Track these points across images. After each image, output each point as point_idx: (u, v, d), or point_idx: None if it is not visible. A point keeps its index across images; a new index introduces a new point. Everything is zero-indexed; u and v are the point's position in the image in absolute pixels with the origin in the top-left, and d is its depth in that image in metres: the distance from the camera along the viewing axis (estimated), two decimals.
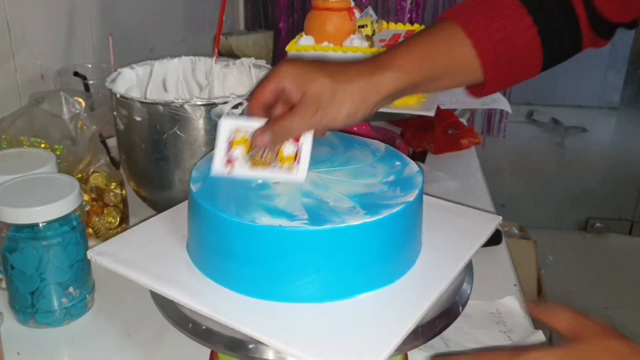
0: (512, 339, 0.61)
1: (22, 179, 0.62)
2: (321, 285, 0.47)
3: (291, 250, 0.46)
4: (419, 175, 0.54)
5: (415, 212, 0.52)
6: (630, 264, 2.26)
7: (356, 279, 0.48)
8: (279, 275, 0.47)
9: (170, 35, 1.41)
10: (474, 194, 0.96)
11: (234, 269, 0.48)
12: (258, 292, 0.48)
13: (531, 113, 2.32)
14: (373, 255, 0.48)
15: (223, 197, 0.51)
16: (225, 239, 0.48)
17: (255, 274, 0.48)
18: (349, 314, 0.47)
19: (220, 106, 0.70)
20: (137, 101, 0.71)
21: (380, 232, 0.48)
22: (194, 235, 0.53)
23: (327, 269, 0.47)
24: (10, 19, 0.85)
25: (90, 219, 0.76)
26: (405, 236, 0.51)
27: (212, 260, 0.50)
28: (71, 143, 0.75)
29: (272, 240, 0.46)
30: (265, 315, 0.46)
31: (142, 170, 0.76)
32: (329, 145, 0.60)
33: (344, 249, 0.47)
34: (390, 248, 0.49)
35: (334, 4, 0.92)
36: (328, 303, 0.47)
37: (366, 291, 0.49)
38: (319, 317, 0.46)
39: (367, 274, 0.48)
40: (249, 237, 0.47)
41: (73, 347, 0.61)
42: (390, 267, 0.50)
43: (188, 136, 0.71)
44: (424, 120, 1.07)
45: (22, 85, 0.88)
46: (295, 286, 0.47)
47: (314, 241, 0.46)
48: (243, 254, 0.48)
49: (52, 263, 0.60)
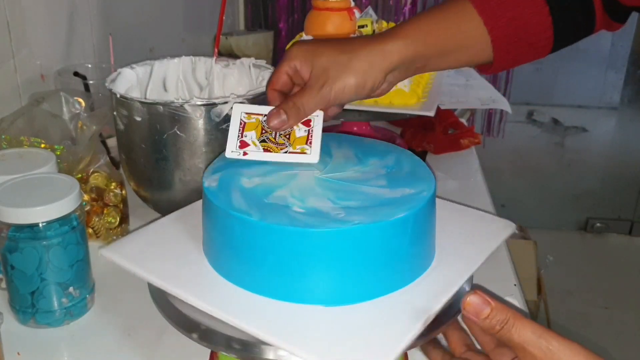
0: None
1: (22, 179, 0.62)
2: (334, 287, 0.47)
3: (306, 251, 0.46)
4: (431, 178, 0.53)
5: (428, 215, 0.51)
6: (630, 264, 2.26)
7: (370, 281, 0.48)
8: (292, 275, 0.47)
9: (170, 35, 1.41)
10: (474, 194, 0.96)
11: (252, 269, 0.48)
12: (272, 292, 0.48)
13: (531, 113, 2.32)
14: (386, 257, 0.48)
15: (236, 196, 0.51)
16: (241, 240, 0.48)
17: (271, 274, 0.47)
18: (359, 315, 0.46)
19: (221, 106, 0.70)
20: (137, 101, 0.71)
21: (392, 234, 0.47)
22: (208, 233, 0.53)
23: (339, 270, 0.47)
24: (10, 19, 0.85)
25: (90, 219, 0.76)
26: (419, 238, 0.50)
27: (229, 260, 0.50)
28: (71, 143, 0.75)
29: (289, 241, 0.46)
30: (275, 316, 0.46)
31: (142, 170, 0.76)
32: (342, 147, 0.60)
33: (357, 250, 0.46)
34: (401, 251, 0.49)
35: (334, 4, 0.92)
36: (339, 306, 0.47)
37: (380, 294, 0.48)
38: (327, 319, 0.46)
39: (379, 276, 0.48)
40: (265, 238, 0.47)
41: (73, 347, 0.61)
42: (404, 269, 0.49)
43: (188, 136, 0.71)
44: (424, 120, 1.07)
45: (22, 85, 0.88)
46: (307, 287, 0.47)
47: (327, 242, 0.46)
48: (261, 255, 0.47)
49: (52, 263, 0.60)
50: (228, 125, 0.56)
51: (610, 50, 2.17)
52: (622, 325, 1.95)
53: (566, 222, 2.45)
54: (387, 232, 0.47)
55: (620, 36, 2.15)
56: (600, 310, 2.01)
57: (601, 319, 1.97)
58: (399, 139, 1.07)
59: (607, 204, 2.40)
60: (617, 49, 2.17)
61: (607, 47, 2.17)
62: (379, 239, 0.47)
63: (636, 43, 2.16)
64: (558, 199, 2.41)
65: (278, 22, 1.96)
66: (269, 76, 0.80)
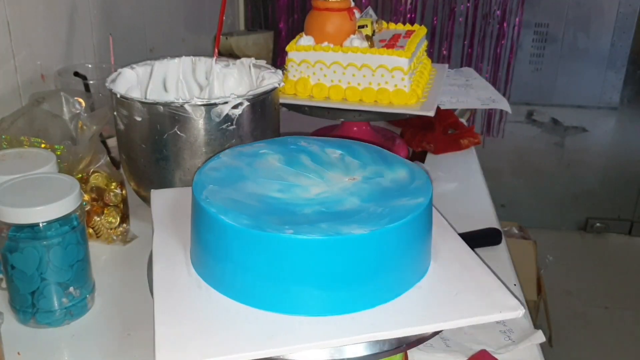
0: (511, 338, 0.61)
1: (22, 179, 0.62)
2: (324, 298, 0.46)
3: (295, 259, 0.45)
4: (428, 184, 0.53)
5: (425, 222, 0.50)
6: (630, 264, 2.26)
7: (368, 288, 0.47)
8: (280, 284, 0.46)
9: (170, 35, 1.41)
10: (474, 194, 0.96)
11: (239, 277, 0.47)
12: (258, 301, 0.47)
13: (531, 113, 2.32)
14: (376, 267, 0.47)
15: (227, 202, 0.50)
16: (229, 246, 0.47)
17: (259, 282, 0.47)
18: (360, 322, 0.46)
19: (221, 106, 0.70)
20: (138, 101, 0.71)
21: (384, 244, 0.47)
22: (196, 241, 0.52)
23: (332, 280, 0.46)
24: (10, 19, 0.85)
25: (91, 219, 0.76)
26: (412, 248, 0.49)
27: (214, 267, 0.50)
28: (71, 143, 0.75)
29: (278, 249, 0.45)
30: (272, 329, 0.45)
31: (142, 171, 0.76)
32: (337, 153, 0.59)
33: (352, 258, 0.46)
34: (393, 261, 0.48)
35: (334, 4, 0.92)
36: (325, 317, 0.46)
37: (382, 302, 0.48)
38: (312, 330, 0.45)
39: (377, 285, 0.47)
40: (254, 245, 0.46)
41: (73, 347, 0.61)
42: (394, 280, 0.49)
43: (188, 136, 0.71)
44: (424, 120, 1.07)
45: (23, 86, 0.88)
46: (298, 297, 0.46)
47: (316, 251, 0.45)
48: (249, 263, 0.47)
49: (53, 263, 0.60)
50: (228, 125, 0.56)
51: (610, 50, 2.18)
52: (622, 325, 1.95)
53: (566, 222, 2.45)
54: (378, 241, 0.46)
55: (620, 36, 2.15)
56: (600, 310, 2.01)
57: (601, 319, 1.97)
58: (399, 139, 1.07)
59: (606, 204, 2.40)
60: (616, 49, 2.17)
61: (607, 47, 2.17)
62: (371, 248, 0.46)
63: (636, 43, 2.16)
64: (558, 199, 2.41)
65: (278, 22, 1.96)
66: (269, 76, 0.80)
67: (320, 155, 0.58)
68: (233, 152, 0.58)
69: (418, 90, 0.91)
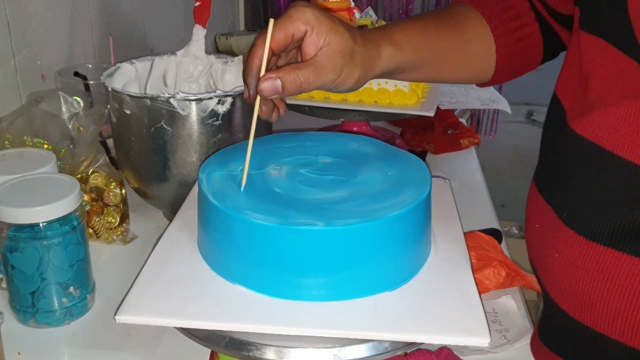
0: (507, 338, 0.62)
1: (23, 179, 0.62)
2: (333, 285, 0.47)
3: (301, 249, 0.46)
4: (427, 176, 0.54)
5: (424, 213, 0.51)
6: None
7: (372, 277, 0.48)
8: (288, 273, 0.47)
9: (170, 35, 1.41)
10: (474, 194, 0.96)
11: (248, 267, 0.48)
12: (269, 290, 0.48)
13: (531, 113, 2.32)
14: (379, 256, 0.48)
15: (231, 193, 0.51)
16: (236, 237, 0.48)
17: (267, 271, 0.48)
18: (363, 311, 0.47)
19: (206, 101, 0.71)
20: (127, 95, 0.72)
21: (385, 233, 0.48)
22: (204, 231, 0.53)
23: (336, 268, 0.47)
24: (10, 19, 0.85)
25: (91, 219, 0.76)
26: (413, 238, 0.50)
27: (224, 257, 0.50)
28: (70, 143, 0.75)
29: (284, 240, 0.46)
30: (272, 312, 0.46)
31: (133, 162, 0.77)
32: (341, 146, 0.60)
33: (349, 248, 0.47)
34: (396, 249, 0.49)
35: (334, 4, 0.92)
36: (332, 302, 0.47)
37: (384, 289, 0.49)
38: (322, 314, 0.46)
39: (369, 275, 0.48)
40: (261, 236, 0.47)
41: (73, 347, 0.61)
42: (397, 268, 0.50)
43: (175, 130, 0.72)
44: (424, 120, 1.07)
45: (23, 86, 0.88)
46: (304, 285, 0.47)
47: (321, 240, 0.46)
48: (257, 253, 0.48)
49: (53, 263, 0.60)
50: (214, 120, 0.56)
51: None
52: None
53: None
54: (380, 231, 0.47)
55: None
56: None
57: None
58: (399, 139, 1.07)
59: None
60: None
61: None
62: (372, 238, 0.47)
63: None
64: None
65: None
66: None
67: (320, 150, 0.59)
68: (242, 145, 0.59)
69: (418, 90, 0.91)
